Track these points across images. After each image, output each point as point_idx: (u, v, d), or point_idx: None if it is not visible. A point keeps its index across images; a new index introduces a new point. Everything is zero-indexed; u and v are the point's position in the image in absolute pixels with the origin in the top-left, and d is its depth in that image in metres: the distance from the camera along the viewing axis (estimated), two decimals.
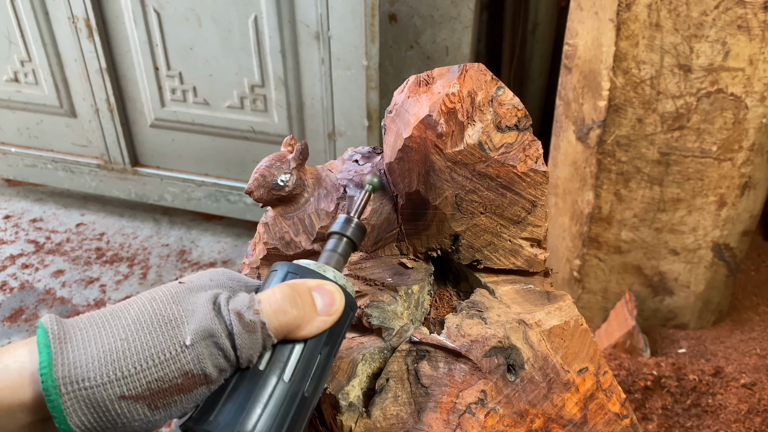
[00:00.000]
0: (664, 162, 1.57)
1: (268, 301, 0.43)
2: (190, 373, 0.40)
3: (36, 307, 2.11)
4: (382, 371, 0.55)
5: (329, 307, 0.46)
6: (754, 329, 1.81)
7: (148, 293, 0.43)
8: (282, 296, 0.44)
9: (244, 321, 0.41)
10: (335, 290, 0.47)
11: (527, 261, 0.63)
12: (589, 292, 1.86)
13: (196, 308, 0.42)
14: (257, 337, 0.42)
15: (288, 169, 0.63)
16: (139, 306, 0.42)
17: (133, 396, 0.38)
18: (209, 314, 0.41)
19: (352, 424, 0.53)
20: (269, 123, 2.14)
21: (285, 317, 0.43)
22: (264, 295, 0.44)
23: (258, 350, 0.42)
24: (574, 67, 1.64)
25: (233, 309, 0.42)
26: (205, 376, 0.40)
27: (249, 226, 2.52)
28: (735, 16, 1.35)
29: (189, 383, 0.40)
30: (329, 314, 0.46)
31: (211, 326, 0.41)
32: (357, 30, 1.83)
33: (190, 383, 0.40)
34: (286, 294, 0.44)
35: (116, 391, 0.38)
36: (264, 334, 0.42)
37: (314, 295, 0.46)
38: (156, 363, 0.39)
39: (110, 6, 2.08)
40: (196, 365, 0.40)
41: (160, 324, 0.40)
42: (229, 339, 0.41)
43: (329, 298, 0.46)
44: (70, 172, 2.54)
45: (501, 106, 0.58)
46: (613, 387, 0.58)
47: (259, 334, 0.42)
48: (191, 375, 0.40)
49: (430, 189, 0.60)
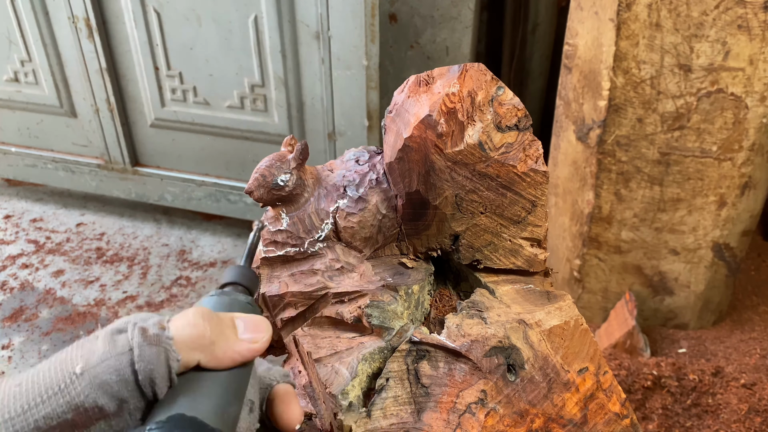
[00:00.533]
0: (665, 162, 1.57)
1: (177, 318, 0.39)
2: (81, 407, 0.35)
3: (36, 307, 2.11)
4: (382, 371, 0.55)
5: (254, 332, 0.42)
6: (754, 329, 1.81)
7: None
8: (192, 313, 0.40)
9: (147, 334, 0.37)
10: (261, 320, 0.43)
11: (527, 261, 0.63)
12: (589, 292, 1.86)
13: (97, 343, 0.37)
14: (159, 350, 0.36)
15: (288, 169, 0.63)
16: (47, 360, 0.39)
17: None
18: (107, 338, 0.37)
19: (352, 424, 0.53)
20: (269, 123, 2.14)
21: (195, 330, 0.38)
22: (176, 315, 0.40)
23: (162, 369, 0.36)
24: (574, 67, 1.64)
25: (138, 326, 0.38)
26: (99, 409, 0.35)
27: (249, 226, 2.52)
28: (735, 15, 1.35)
29: (81, 419, 0.35)
30: (253, 341, 0.41)
31: (107, 348, 0.36)
32: (357, 30, 1.83)
33: (82, 419, 0.35)
34: (198, 312, 0.40)
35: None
36: (168, 348, 0.37)
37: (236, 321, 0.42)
38: (44, 399, 0.35)
39: (110, 6, 2.08)
40: (87, 397, 0.35)
41: (57, 364, 0.36)
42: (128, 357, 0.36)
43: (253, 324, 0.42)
44: (71, 172, 2.54)
45: (501, 106, 0.58)
46: (613, 387, 0.58)
47: (162, 348, 0.37)
48: (83, 409, 0.35)
49: (430, 189, 0.60)
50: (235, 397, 0.41)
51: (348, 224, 0.63)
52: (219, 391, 0.39)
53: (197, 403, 0.38)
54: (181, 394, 0.37)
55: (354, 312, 0.59)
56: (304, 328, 0.62)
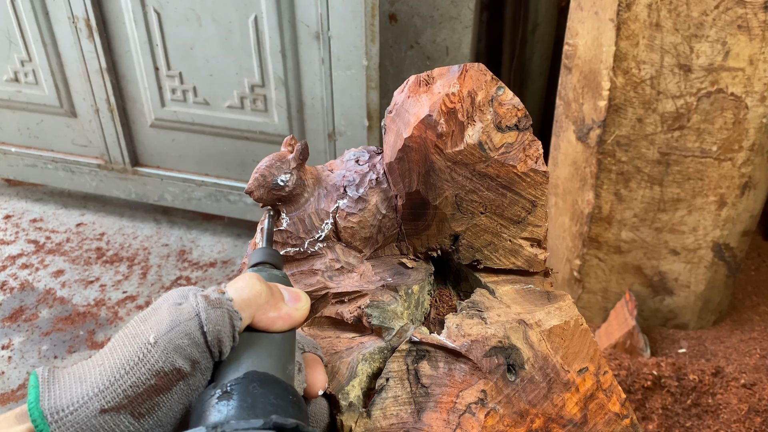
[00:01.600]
0: (665, 162, 1.57)
1: (233, 282, 0.44)
2: (161, 372, 0.39)
3: (36, 307, 2.11)
4: (382, 371, 0.55)
5: (295, 301, 0.46)
6: (754, 329, 1.81)
7: None
8: (248, 276, 0.44)
9: (209, 299, 0.41)
10: (300, 291, 0.48)
11: (527, 261, 0.63)
12: (589, 292, 1.86)
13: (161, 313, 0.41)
14: (223, 312, 0.41)
15: (288, 169, 0.63)
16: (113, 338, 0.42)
17: (112, 407, 0.38)
18: (170, 308, 0.41)
19: (352, 424, 0.53)
20: (269, 123, 2.14)
21: (252, 290, 0.43)
22: (230, 282, 0.45)
23: (227, 329, 0.41)
24: (574, 67, 1.64)
25: (200, 294, 0.42)
26: (177, 371, 0.39)
27: (249, 226, 2.52)
28: (735, 16, 1.35)
29: (163, 382, 0.39)
30: (296, 308, 0.45)
31: (174, 317, 0.40)
32: (357, 30, 1.83)
33: (164, 382, 0.39)
34: (252, 275, 0.45)
35: (96, 407, 0.38)
36: (230, 309, 0.41)
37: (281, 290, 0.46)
38: (127, 370, 0.39)
39: (110, 6, 2.08)
40: (165, 362, 0.39)
41: (129, 339, 0.40)
42: (196, 322, 0.40)
43: (295, 294, 0.47)
44: (70, 172, 2.54)
45: (501, 106, 0.58)
46: (613, 387, 0.58)
47: (225, 310, 0.41)
48: (163, 373, 0.39)
49: (430, 189, 0.60)
50: (291, 357, 0.44)
51: (348, 224, 0.63)
52: (277, 351, 0.43)
53: (262, 360, 0.41)
54: (244, 354, 0.41)
55: (354, 312, 0.59)
56: (304, 328, 0.62)
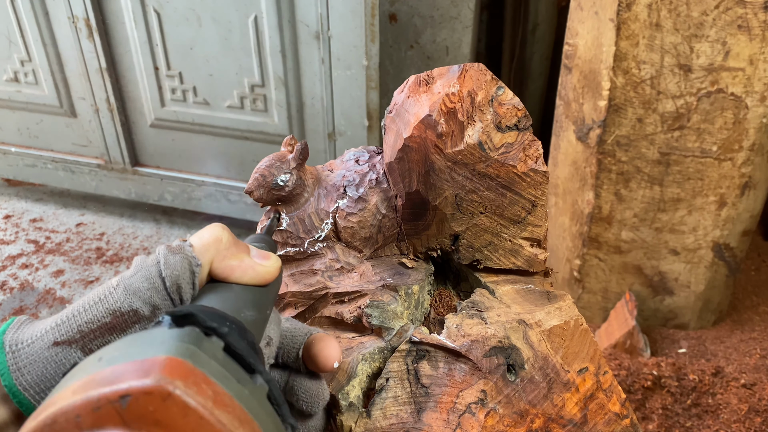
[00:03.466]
0: (665, 162, 1.57)
1: (198, 232, 0.44)
2: (118, 312, 0.40)
3: (36, 307, 2.11)
4: (382, 371, 0.55)
5: (263, 258, 0.45)
6: (754, 329, 1.81)
7: None
8: (215, 225, 0.44)
9: (170, 246, 0.42)
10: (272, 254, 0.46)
11: (527, 261, 0.63)
12: (589, 292, 1.86)
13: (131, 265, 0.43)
14: (182, 258, 0.41)
15: (288, 169, 0.63)
16: None
17: (65, 341, 0.39)
18: (139, 258, 0.42)
19: (352, 424, 0.53)
20: (269, 123, 2.14)
21: (212, 233, 0.43)
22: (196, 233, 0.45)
23: (186, 274, 0.41)
24: (574, 67, 1.64)
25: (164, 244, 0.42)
26: (134, 312, 0.40)
27: (249, 226, 2.52)
28: (735, 15, 1.35)
29: (119, 321, 0.40)
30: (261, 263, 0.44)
31: (138, 263, 0.41)
32: (357, 30, 1.83)
33: (119, 321, 0.40)
34: (220, 225, 0.45)
35: (50, 339, 0.39)
36: (188, 254, 0.41)
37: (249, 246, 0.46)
38: (86, 309, 0.40)
39: (110, 6, 2.08)
40: (123, 302, 0.40)
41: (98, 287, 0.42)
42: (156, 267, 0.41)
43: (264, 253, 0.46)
44: (70, 172, 2.54)
45: (501, 106, 0.58)
46: (613, 387, 0.58)
47: (183, 255, 0.41)
48: (120, 313, 0.40)
49: (430, 189, 0.60)
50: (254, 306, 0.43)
51: (348, 224, 0.63)
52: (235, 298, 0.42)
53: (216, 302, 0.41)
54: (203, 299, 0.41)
55: (354, 312, 0.59)
56: None
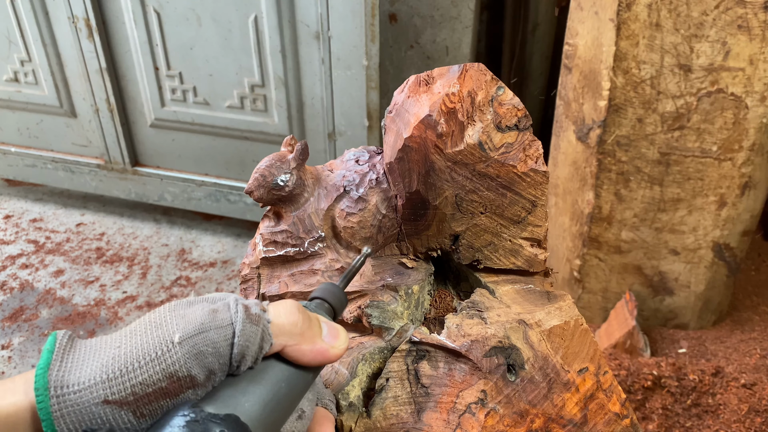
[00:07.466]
0: (665, 162, 1.57)
1: (275, 305, 0.42)
2: (175, 376, 0.37)
3: (36, 307, 2.11)
4: (382, 371, 0.55)
5: (334, 338, 0.43)
6: (754, 329, 1.81)
7: None
8: (291, 304, 0.42)
9: (250, 312, 0.39)
10: (341, 329, 0.45)
11: (527, 261, 0.63)
12: (589, 292, 1.86)
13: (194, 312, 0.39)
14: (258, 330, 0.39)
15: (288, 169, 0.63)
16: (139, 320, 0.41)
17: (117, 400, 0.36)
18: (204, 311, 0.39)
19: (352, 424, 0.53)
20: (269, 123, 2.14)
21: (290, 318, 0.41)
22: (273, 303, 0.43)
23: (254, 348, 0.39)
24: (574, 67, 1.64)
25: (242, 303, 0.40)
26: (191, 379, 0.37)
27: (249, 226, 2.52)
28: (735, 15, 1.35)
29: (174, 387, 0.37)
30: (333, 346, 0.43)
31: (206, 320, 0.38)
32: (357, 30, 1.83)
33: (175, 387, 0.37)
34: (296, 303, 0.43)
35: (100, 395, 0.36)
36: (265, 330, 0.39)
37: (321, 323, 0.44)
38: (141, 365, 0.36)
39: (110, 6, 2.08)
40: (182, 366, 0.37)
41: (153, 328, 0.38)
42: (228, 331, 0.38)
43: (335, 330, 0.44)
44: (70, 172, 2.54)
45: (501, 106, 0.58)
46: (613, 387, 0.58)
47: (261, 328, 0.39)
48: (176, 378, 0.37)
49: (430, 189, 0.60)
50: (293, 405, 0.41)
51: (348, 224, 0.63)
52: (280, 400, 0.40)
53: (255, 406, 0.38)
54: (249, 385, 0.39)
55: (354, 312, 0.59)
56: None
